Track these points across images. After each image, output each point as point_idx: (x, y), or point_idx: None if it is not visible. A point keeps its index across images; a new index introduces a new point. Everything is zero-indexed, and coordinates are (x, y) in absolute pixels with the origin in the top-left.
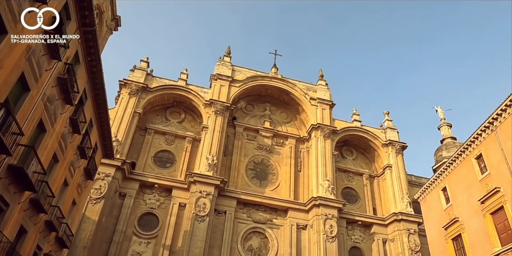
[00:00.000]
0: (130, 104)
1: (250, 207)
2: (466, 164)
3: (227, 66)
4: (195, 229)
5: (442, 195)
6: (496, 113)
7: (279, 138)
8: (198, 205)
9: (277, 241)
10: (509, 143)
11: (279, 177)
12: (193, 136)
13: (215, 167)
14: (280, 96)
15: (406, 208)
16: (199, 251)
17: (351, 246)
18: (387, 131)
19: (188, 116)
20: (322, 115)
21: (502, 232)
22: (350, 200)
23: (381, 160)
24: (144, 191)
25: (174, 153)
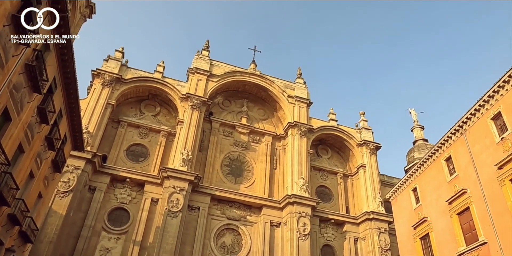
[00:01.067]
0: (103, 95)
1: (224, 203)
2: (436, 165)
3: (205, 60)
4: (167, 225)
5: (413, 195)
6: (465, 117)
7: (255, 135)
8: (171, 200)
9: (250, 238)
10: (477, 146)
11: (254, 174)
12: (168, 130)
13: (189, 163)
14: (258, 93)
15: (378, 208)
16: (170, 247)
17: (323, 244)
18: (362, 131)
19: (163, 109)
20: (299, 113)
21: (467, 232)
22: (324, 199)
23: (355, 159)
24: (115, 185)
25: (147, 147)
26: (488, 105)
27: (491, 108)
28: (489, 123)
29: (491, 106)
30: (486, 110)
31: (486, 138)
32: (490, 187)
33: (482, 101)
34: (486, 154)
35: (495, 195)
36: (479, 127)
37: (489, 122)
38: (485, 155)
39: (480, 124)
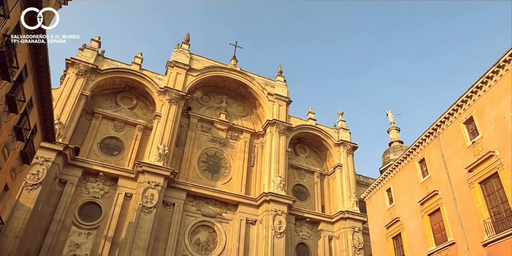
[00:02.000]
0: (77, 85)
1: (200, 200)
2: (410, 167)
3: (185, 54)
4: (141, 220)
5: (387, 195)
6: (439, 121)
7: (234, 131)
8: (145, 196)
9: (226, 235)
10: (449, 149)
11: (231, 171)
12: (144, 124)
13: (166, 158)
14: (238, 89)
15: (352, 207)
16: (143, 243)
17: (298, 242)
18: (340, 131)
19: (140, 102)
20: (279, 111)
21: (437, 233)
22: (300, 197)
23: (332, 159)
24: (88, 179)
25: (122, 141)
26: (461, 110)
27: (464, 113)
28: (461, 127)
29: (464, 110)
30: (459, 115)
31: (458, 142)
32: (460, 189)
33: (456, 106)
34: (458, 157)
35: (465, 197)
36: (452, 131)
37: (461, 126)
38: (457, 158)
39: (453, 128)
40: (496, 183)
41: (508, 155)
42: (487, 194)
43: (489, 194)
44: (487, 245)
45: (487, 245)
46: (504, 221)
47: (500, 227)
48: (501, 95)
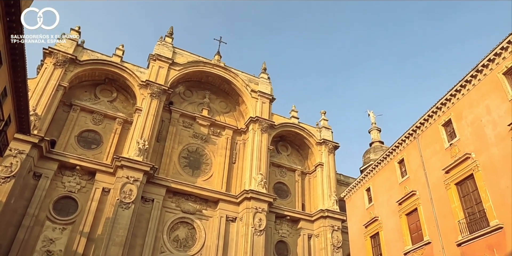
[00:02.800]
0: (54, 75)
1: (180, 196)
2: (390, 167)
3: (168, 47)
4: (118, 216)
5: (366, 195)
6: (419, 122)
7: (216, 127)
8: (123, 191)
9: (205, 232)
10: (427, 150)
11: (212, 168)
12: (124, 117)
13: (145, 153)
14: (221, 85)
15: (332, 206)
16: (120, 239)
17: (278, 240)
18: (322, 130)
19: (120, 95)
20: (262, 108)
21: (414, 232)
22: (281, 195)
23: (314, 158)
24: (64, 172)
25: (101, 134)
26: (440, 112)
27: (442, 115)
28: (440, 129)
29: (443, 113)
30: (438, 117)
31: (436, 143)
32: (437, 190)
33: (435, 108)
34: (436, 159)
35: (441, 198)
36: (431, 133)
37: (440, 128)
38: (435, 160)
39: (432, 129)
40: (471, 185)
41: (483, 157)
42: (462, 195)
43: (465, 195)
44: (461, 245)
45: (461, 245)
46: (478, 221)
47: (474, 227)
48: (479, 99)
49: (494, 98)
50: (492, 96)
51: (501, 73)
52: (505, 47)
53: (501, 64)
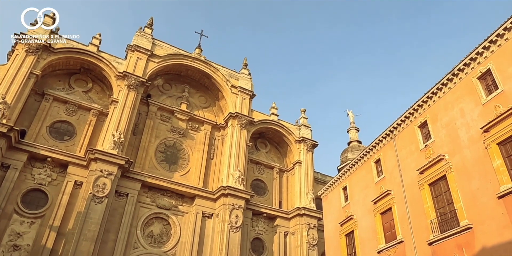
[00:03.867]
0: (26, 63)
1: (156, 191)
2: (366, 166)
3: (147, 39)
4: (91, 210)
5: (342, 193)
6: (396, 123)
7: (194, 122)
8: (97, 185)
9: (180, 228)
10: (403, 151)
11: (190, 163)
12: (99, 109)
13: (121, 146)
14: (201, 79)
15: (309, 204)
16: (92, 234)
17: (254, 237)
18: (301, 128)
19: (96, 86)
20: (242, 104)
21: (387, 231)
22: (259, 192)
23: (292, 155)
24: (34, 164)
25: (74, 126)
26: (417, 114)
27: (419, 117)
28: (416, 130)
29: (419, 114)
30: (414, 118)
31: (412, 144)
32: (411, 190)
33: (412, 110)
34: (411, 159)
35: (415, 198)
36: (407, 134)
37: (416, 129)
38: (410, 160)
39: (408, 130)
40: (444, 185)
41: (456, 159)
42: (435, 196)
43: (437, 195)
44: (432, 244)
45: (432, 244)
46: (449, 221)
47: (445, 227)
48: (454, 102)
49: (468, 101)
50: (466, 99)
51: (476, 77)
52: (480, 52)
53: (476, 69)
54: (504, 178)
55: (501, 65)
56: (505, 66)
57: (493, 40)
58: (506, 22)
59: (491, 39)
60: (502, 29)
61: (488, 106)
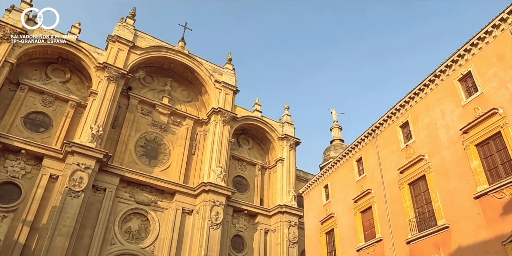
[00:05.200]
0: (0, 50)
1: (135, 186)
2: (348, 165)
3: (129, 29)
4: (66, 205)
5: (324, 191)
6: (378, 123)
7: (176, 117)
8: (73, 178)
9: (159, 224)
10: (385, 150)
11: (170, 158)
12: (77, 100)
13: (99, 139)
14: (184, 73)
15: (290, 201)
16: (67, 230)
17: (234, 234)
18: (284, 125)
19: (74, 77)
20: (225, 100)
21: (367, 229)
22: (240, 189)
23: (275, 152)
24: (7, 156)
25: (51, 117)
26: (399, 114)
27: (401, 117)
28: (397, 130)
29: (401, 114)
30: (396, 118)
31: (393, 144)
32: (391, 189)
33: (394, 110)
34: (392, 159)
35: (394, 197)
36: (389, 133)
37: (397, 129)
38: (391, 160)
39: (390, 130)
40: (423, 185)
41: (436, 159)
42: (414, 195)
43: (416, 195)
44: (410, 242)
45: (410, 242)
46: (426, 220)
47: (423, 226)
48: (435, 103)
49: (449, 103)
50: (447, 101)
51: (457, 79)
52: (461, 54)
53: (457, 70)
54: (481, 179)
55: (481, 68)
56: (485, 69)
57: (474, 43)
58: (487, 26)
59: (472, 42)
60: (483, 33)
61: (467, 108)
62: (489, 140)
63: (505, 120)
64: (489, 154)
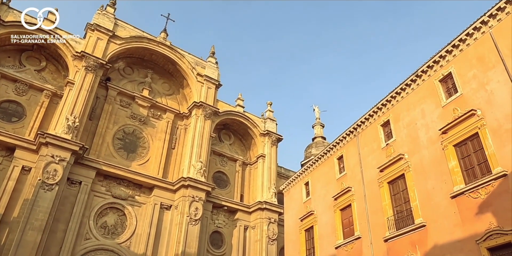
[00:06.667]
0: None
1: (112, 180)
2: (329, 163)
3: (109, 18)
4: (39, 198)
5: (304, 189)
6: (360, 121)
7: (156, 110)
8: (47, 171)
9: (136, 219)
10: (365, 148)
11: (149, 152)
12: (53, 90)
13: (75, 131)
14: (165, 65)
15: (271, 198)
16: (40, 224)
17: (213, 230)
18: (267, 121)
19: (50, 65)
20: (207, 94)
21: (346, 227)
22: (220, 185)
23: (256, 148)
24: None
25: (24, 107)
26: (380, 113)
27: (382, 116)
28: (379, 129)
29: (382, 113)
30: (378, 117)
31: (374, 142)
32: (370, 187)
33: (376, 108)
34: (372, 157)
35: (374, 195)
36: (370, 132)
37: (379, 128)
38: (371, 158)
39: (372, 129)
40: (402, 184)
41: (415, 158)
42: (393, 194)
43: (395, 193)
44: (388, 240)
45: (387, 240)
46: (404, 219)
47: (401, 224)
48: (416, 103)
49: (429, 103)
50: (427, 101)
51: (438, 80)
52: (443, 55)
53: (438, 71)
54: (458, 179)
55: (461, 69)
56: (466, 71)
57: (456, 44)
58: (469, 28)
59: (454, 43)
60: (465, 34)
61: (447, 109)
62: (467, 140)
63: (483, 121)
64: (467, 155)
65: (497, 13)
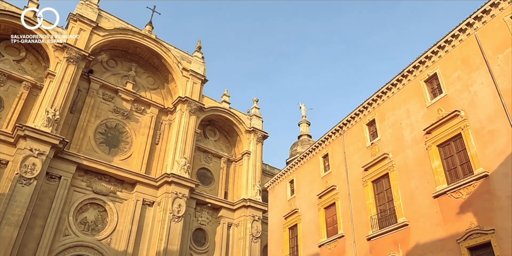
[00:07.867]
0: None
1: (92, 175)
2: (314, 161)
3: (92, 9)
4: (16, 193)
5: (289, 186)
6: (346, 120)
7: (140, 104)
8: (25, 165)
9: (118, 216)
10: (350, 147)
11: (132, 147)
12: (33, 81)
13: (55, 124)
14: (150, 59)
15: (255, 196)
16: (17, 219)
17: (196, 228)
18: (252, 118)
19: (30, 56)
20: (192, 89)
21: (330, 225)
22: (204, 182)
23: (241, 145)
24: None
25: (2, 98)
26: (366, 112)
27: (368, 115)
28: (364, 128)
29: (368, 112)
30: (364, 116)
31: (359, 141)
32: (355, 186)
33: (362, 107)
34: (357, 156)
35: (358, 194)
36: (356, 131)
37: (364, 127)
38: (356, 157)
39: (357, 128)
40: (386, 183)
41: (399, 158)
42: (377, 193)
43: (379, 192)
44: (371, 239)
45: (370, 239)
46: (387, 218)
47: (384, 223)
48: (401, 102)
49: (414, 103)
50: (412, 101)
51: (423, 80)
52: (429, 56)
53: (424, 72)
54: (441, 179)
55: (446, 70)
56: (450, 72)
57: (442, 45)
58: (454, 30)
59: (439, 44)
60: (450, 36)
61: (432, 109)
62: (450, 141)
63: (466, 122)
64: (450, 155)
65: (482, 16)
